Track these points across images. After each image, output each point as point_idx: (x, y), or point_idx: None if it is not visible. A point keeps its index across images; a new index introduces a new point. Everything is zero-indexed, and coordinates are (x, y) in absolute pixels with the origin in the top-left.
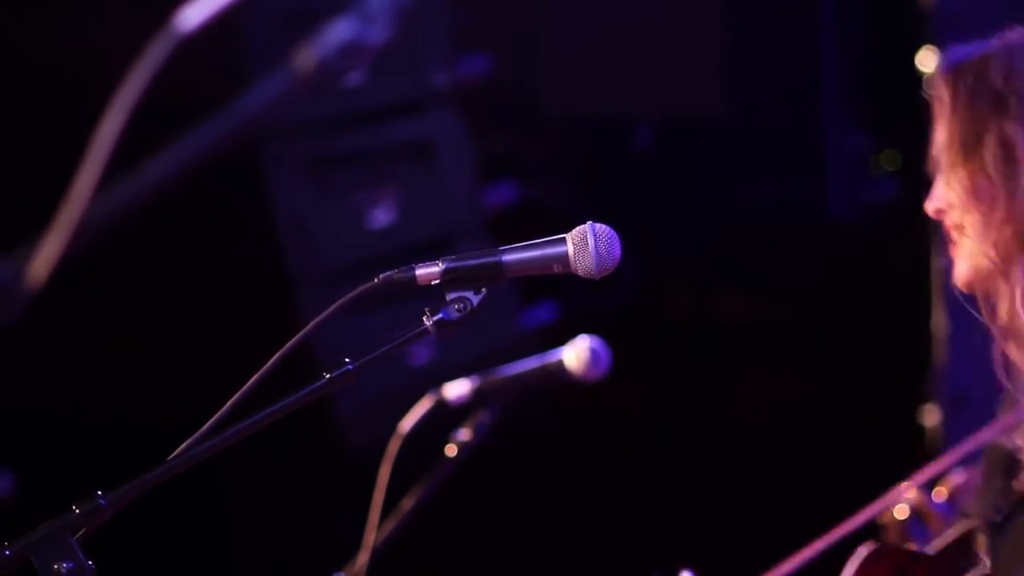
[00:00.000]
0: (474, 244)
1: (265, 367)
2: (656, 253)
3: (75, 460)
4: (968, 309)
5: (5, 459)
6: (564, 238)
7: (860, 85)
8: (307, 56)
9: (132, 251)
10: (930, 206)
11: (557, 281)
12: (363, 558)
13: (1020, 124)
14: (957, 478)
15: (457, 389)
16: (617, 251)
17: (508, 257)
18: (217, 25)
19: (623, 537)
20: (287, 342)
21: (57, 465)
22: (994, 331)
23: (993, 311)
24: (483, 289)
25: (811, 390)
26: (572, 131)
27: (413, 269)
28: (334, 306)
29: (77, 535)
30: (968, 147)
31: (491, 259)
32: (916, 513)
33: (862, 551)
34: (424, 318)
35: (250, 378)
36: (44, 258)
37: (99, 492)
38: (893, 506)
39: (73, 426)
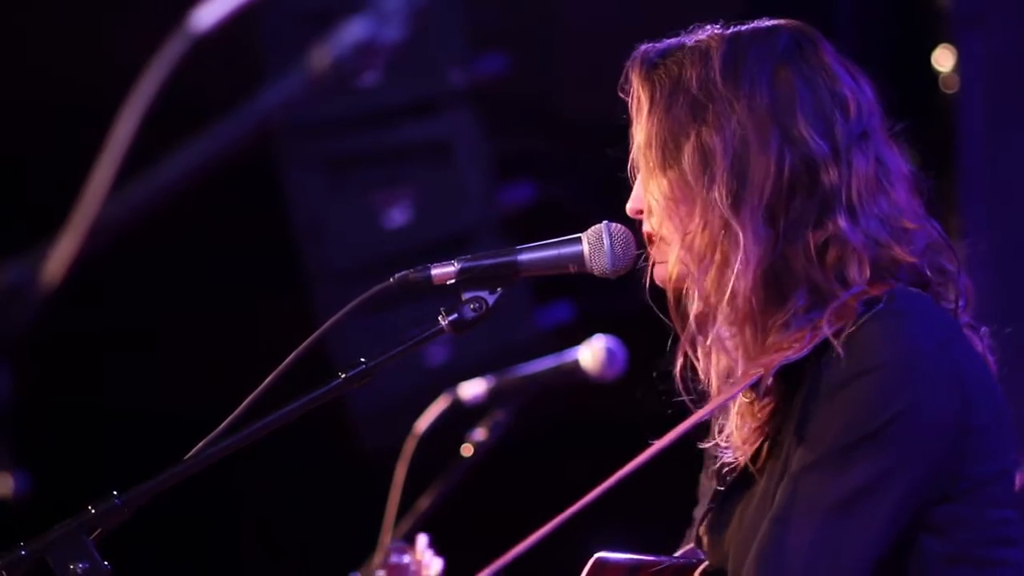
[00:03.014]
0: (490, 244)
1: (281, 367)
2: None
3: (91, 460)
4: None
5: (21, 459)
6: (579, 237)
7: (877, 83)
8: (322, 55)
9: (147, 252)
10: (629, 207)
11: (573, 280)
12: (379, 557)
13: (718, 133)
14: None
15: (473, 389)
16: (632, 250)
17: (523, 257)
18: (232, 25)
19: (639, 537)
20: (303, 342)
21: (74, 465)
22: (681, 334)
23: (683, 315)
24: (499, 289)
25: None
26: (588, 130)
27: (429, 269)
28: (349, 306)
29: (93, 535)
30: (667, 153)
31: (506, 259)
32: None
33: (589, 564)
34: (440, 318)
35: (266, 378)
36: (59, 258)
37: (115, 492)
38: None
39: (89, 426)
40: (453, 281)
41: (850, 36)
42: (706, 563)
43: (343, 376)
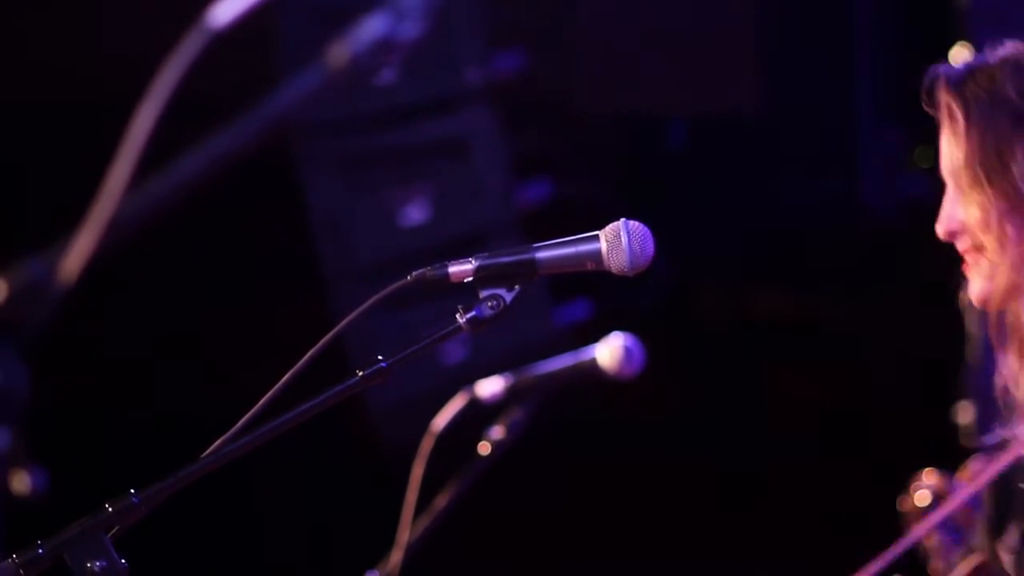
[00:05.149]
0: (507, 241)
1: (298, 365)
2: (690, 250)
3: (109, 458)
4: None
5: (39, 457)
6: (597, 235)
7: (895, 81)
8: (340, 52)
9: (164, 249)
10: (941, 228)
11: (590, 278)
12: (396, 557)
13: None
14: (976, 466)
15: (490, 387)
16: (650, 248)
17: (541, 254)
18: (249, 21)
19: (656, 537)
20: (320, 340)
21: (91, 463)
22: (1004, 350)
23: (1012, 330)
24: (516, 286)
25: (845, 387)
26: (606, 128)
27: (446, 266)
28: (367, 303)
29: (110, 533)
30: (991, 167)
31: (524, 256)
32: (937, 500)
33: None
34: (457, 315)
35: (283, 376)
36: (76, 256)
37: (132, 490)
38: (914, 493)
39: (107, 424)
40: (471, 279)
41: (868, 33)
42: None
43: (360, 374)
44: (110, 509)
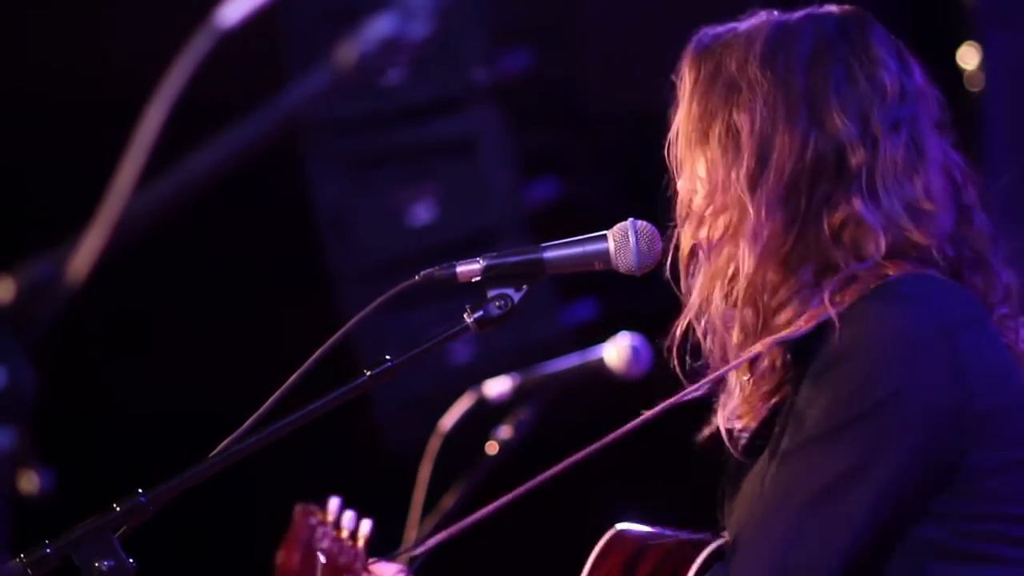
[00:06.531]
0: (515, 241)
1: (306, 364)
2: None
3: (116, 458)
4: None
5: (48, 457)
6: (605, 235)
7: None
8: (349, 51)
9: (172, 248)
10: (679, 189)
11: (597, 278)
12: (404, 556)
13: (747, 112)
14: None
15: (498, 387)
16: (658, 247)
17: (549, 254)
18: (257, 21)
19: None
20: (328, 340)
21: (100, 463)
22: (685, 310)
23: (690, 291)
24: (524, 286)
25: None
26: (613, 127)
27: (454, 266)
28: (375, 303)
29: (118, 533)
30: (700, 133)
31: (532, 256)
32: None
33: (607, 535)
34: (465, 315)
35: (291, 376)
36: (84, 255)
37: (140, 490)
38: None
39: (114, 423)
40: (479, 278)
41: None
42: (722, 540)
43: (368, 373)
44: (118, 509)
